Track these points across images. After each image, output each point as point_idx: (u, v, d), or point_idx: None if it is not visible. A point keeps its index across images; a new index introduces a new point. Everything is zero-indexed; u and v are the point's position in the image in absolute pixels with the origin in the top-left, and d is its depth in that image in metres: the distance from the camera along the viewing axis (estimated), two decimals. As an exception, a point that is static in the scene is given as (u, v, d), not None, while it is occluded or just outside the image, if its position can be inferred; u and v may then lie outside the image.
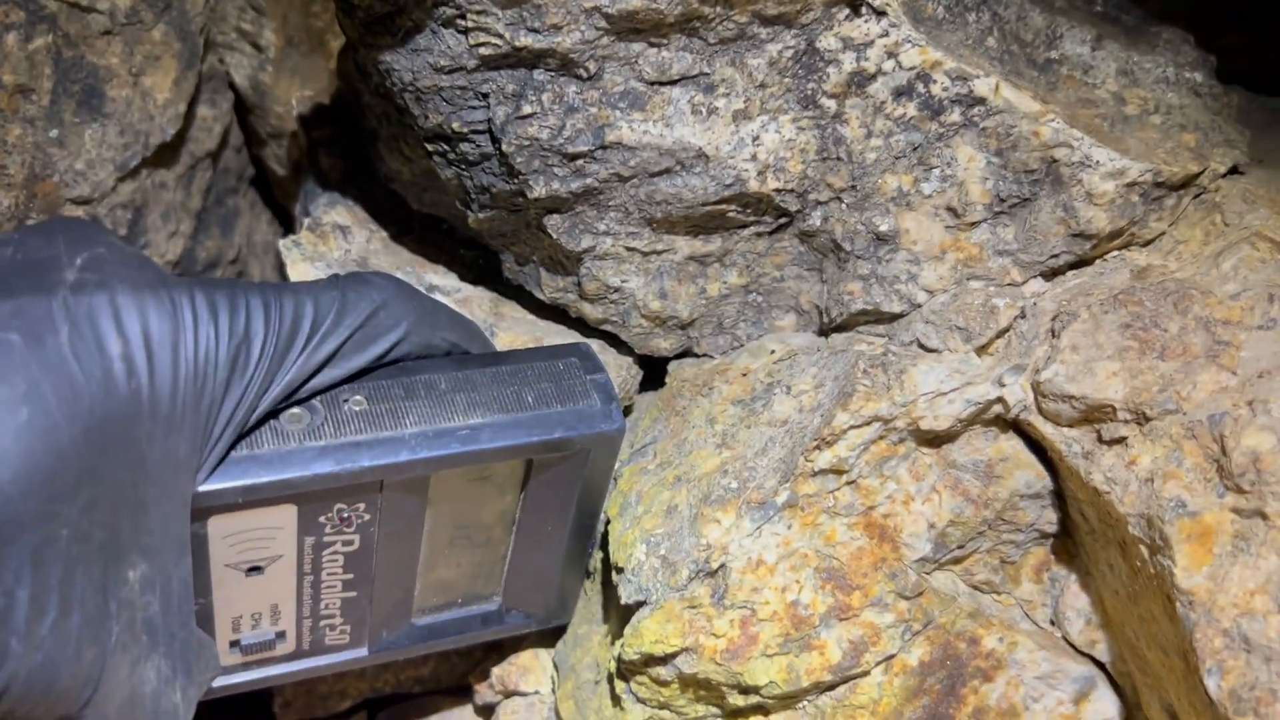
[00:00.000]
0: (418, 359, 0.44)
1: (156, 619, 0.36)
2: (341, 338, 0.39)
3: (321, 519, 0.41)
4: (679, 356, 0.58)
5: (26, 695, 0.31)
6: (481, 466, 0.43)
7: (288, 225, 0.73)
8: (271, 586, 0.43)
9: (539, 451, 0.43)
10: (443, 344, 0.44)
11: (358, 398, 0.41)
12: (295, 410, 0.40)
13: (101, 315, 0.33)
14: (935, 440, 0.48)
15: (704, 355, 0.57)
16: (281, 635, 0.44)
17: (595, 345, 0.57)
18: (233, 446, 0.38)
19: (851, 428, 0.46)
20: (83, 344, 0.32)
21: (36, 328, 0.32)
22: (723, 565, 0.46)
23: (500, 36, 0.46)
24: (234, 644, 0.44)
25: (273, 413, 0.39)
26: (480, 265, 0.60)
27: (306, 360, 0.38)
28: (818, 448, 0.46)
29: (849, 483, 0.47)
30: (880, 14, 0.49)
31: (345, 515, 0.41)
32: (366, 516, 0.42)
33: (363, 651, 0.47)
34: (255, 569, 0.41)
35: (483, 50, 0.46)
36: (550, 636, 0.55)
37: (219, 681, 0.45)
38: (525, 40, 0.46)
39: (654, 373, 0.60)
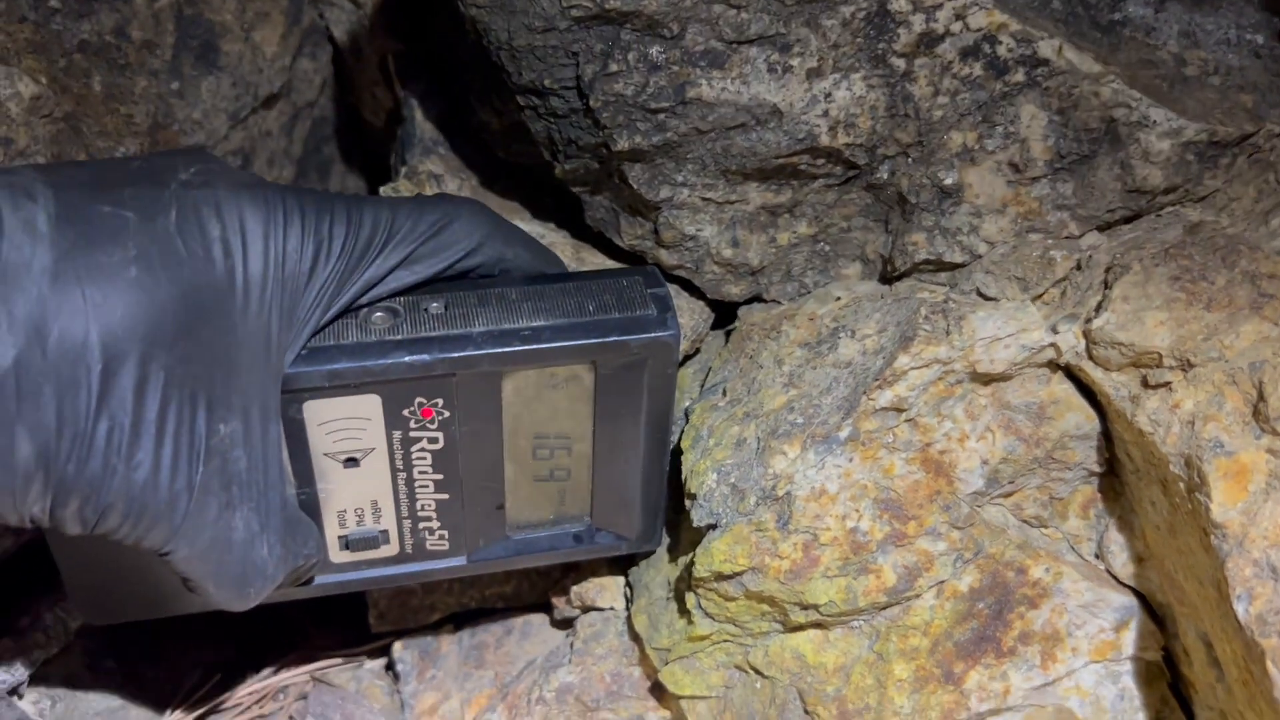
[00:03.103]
0: (496, 274, 0.48)
1: (244, 475, 0.41)
2: (414, 244, 0.45)
3: (405, 412, 0.46)
4: (748, 302, 0.62)
5: (126, 513, 0.37)
6: (548, 372, 0.47)
7: (378, 173, 0.78)
8: (369, 481, 0.47)
9: (596, 353, 0.46)
10: (515, 259, 0.49)
11: (436, 304, 0.46)
12: (380, 313, 0.45)
13: (205, 206, 0.39)
14: (990, 382, 0.51)
15: (772, 301, 0.61)
16: (385, 534, 0.49)
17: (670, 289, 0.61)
18: (318, 333, 0.43)
19: (912, 369, 0.49)
20: (186, 226, 0.38)
21: (149, 209, 0.37)
22: (788, 493, 0.49)
23: (591, -1, 0.49)
24: (342, 540, 0.49)
25: (360, 313, 0.45)
26: (563, 213, 0.64)
27: (382, 262, 0.44)
28: (880, 387, 0.49)
29: (908, 420, 0.50)
30: (950, -22, 0.51)
31: (427, 409, 0.46)
32: (446, 413, 0.46)
33: (461, 560, 0.51)
34: (351, 460, 0.46)
35: (574, 11, 0.50)
36: (627, 560, 0.60)
37: (335, 578, 0.50)
38: (614, 3, 0.49)
39: (723, 316, 0.63)
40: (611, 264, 0.62)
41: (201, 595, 0.43)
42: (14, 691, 0.60)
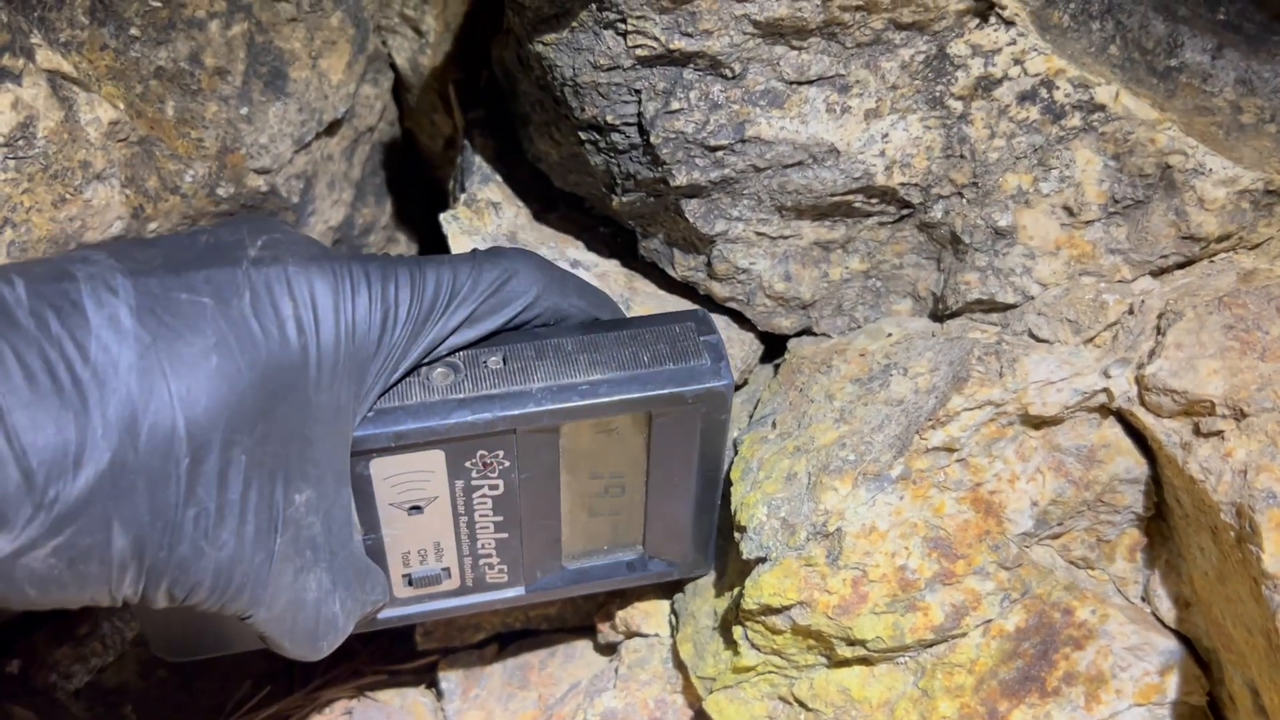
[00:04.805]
0: (552, 324, 0.49)
1: (319, 538, 0.42)
2: (476, 303, 0.46)
3: (467, 464, 0.47)
4: (799, 334, 0.62)
5: (213, 588, 0.39)
6: (605, 420, 0.48)
7: (434, 197, 0.79)
8: (432, 525, 0.49)
9: (653, 405, 0.47)
10: (572, 309, 0.50)
11: (495, 358, 0.47)
12: (441, 369, 0.46)
13: (276, 283, 0.40)
14: (1042, 424, 0.51)
15: (823, 335, 0.61)
16: (446, 571, 0.50)
17: (720, 322, 0.61)
18: (383, 394, 0.45)
19: (965, 410, 0.50)
20: (261, 306, 0.39)
21: (224, 293, 0.39)
22: (838, 529, 0.50)
23: (656, 39, 0.50)
24: (406, 578, 0.50)
25: (421, 370, 0.46)
26: (616, 242, 0.65)
27: (445, 323, 0.45)
28: (932, 427, 0.50)
29: (959, 460, 0.51)
30: (1009, 23, 0.52)
31: (488, 461, 0.47)
32: (507, 463, 0.47)
33: (520, 590, 0.53)
34: (415, 508, 0.48)
35: (639, 51, 0.51)
36: (671, 587, 0.60)
37: (398, 612, 0.51)
38: (679, 43, 0.50)
39: (773, 348, 0.64)
40: (663, 294, 0.63)
41: (276, 649, 0.44)
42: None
